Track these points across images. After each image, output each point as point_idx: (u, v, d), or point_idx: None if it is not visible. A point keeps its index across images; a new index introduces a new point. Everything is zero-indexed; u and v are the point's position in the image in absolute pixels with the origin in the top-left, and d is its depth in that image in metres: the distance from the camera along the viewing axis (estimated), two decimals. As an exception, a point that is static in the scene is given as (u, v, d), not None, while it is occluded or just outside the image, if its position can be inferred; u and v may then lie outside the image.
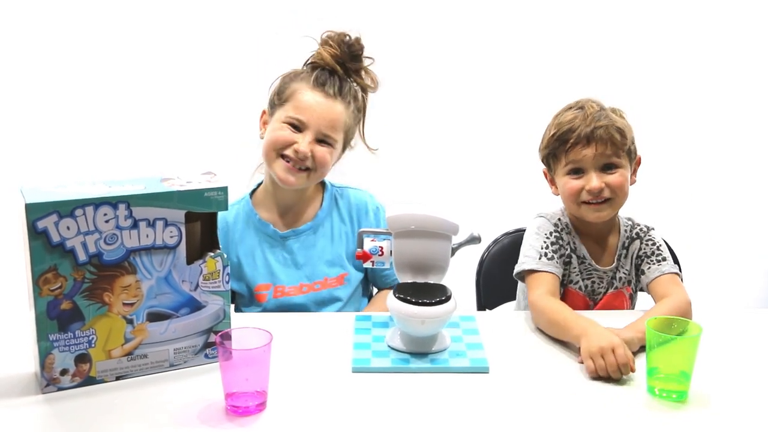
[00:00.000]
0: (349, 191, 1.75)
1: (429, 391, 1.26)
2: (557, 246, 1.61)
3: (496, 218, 1.79)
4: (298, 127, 1.61)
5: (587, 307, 1.64)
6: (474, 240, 1.47)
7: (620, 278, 1.66)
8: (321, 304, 1.67)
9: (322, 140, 1.61)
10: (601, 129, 1.55)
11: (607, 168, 1.58)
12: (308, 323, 1.54)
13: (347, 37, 1.64)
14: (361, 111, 1.69)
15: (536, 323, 1.51)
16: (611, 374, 1.28)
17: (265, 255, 1.67)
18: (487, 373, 1.32)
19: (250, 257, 1.66)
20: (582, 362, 1.33)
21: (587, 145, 1.56)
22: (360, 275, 1.72)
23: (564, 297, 1.62)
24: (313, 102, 1.60)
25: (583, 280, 1.64)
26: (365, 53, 1.66)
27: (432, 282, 1.43)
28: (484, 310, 1.84)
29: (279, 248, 1.67)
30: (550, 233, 1.62)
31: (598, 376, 1.30)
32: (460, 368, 1.33)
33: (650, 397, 1.24)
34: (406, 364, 1.34)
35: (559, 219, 1.65)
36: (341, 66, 1.64)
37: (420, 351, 1.37)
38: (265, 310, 1.66)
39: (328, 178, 1.73)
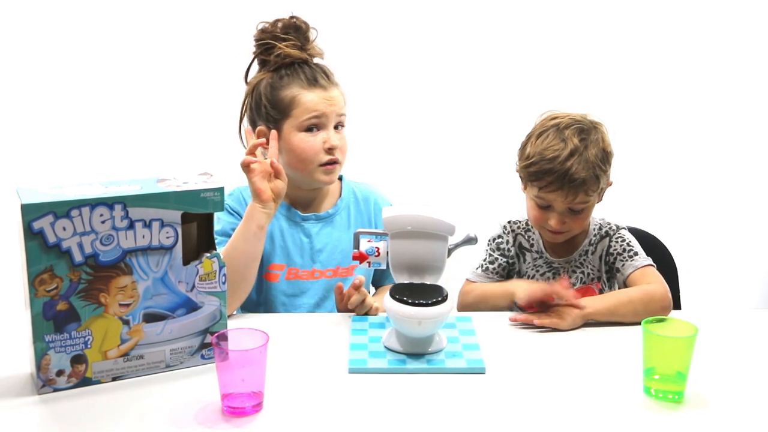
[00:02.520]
0: (360, 185, 1.80)
1: (425, 392, 1.26)
2: (499, 252, 1.73)
3: (493, 219, 1.79)
4: (315, 126, 1.64)
5: (550, 300, 1.65)
6: (470, 241, 1.47)
7: (587, 273, 1.68)
8: (330, 291, 1.68)
9: (338, 125, 1.67)
10: (577, 180, 1.55)
11: (573, 210, 1.61)
12: (304, 324, 1.54)
13: (284, 20, 1.66)
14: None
15: (463, 305, 1.66)
16: (551, 291, 1.48)
17: (283, 235, 1.69)
18: (484, 373, 1.32)
19: (268, 236, 1.65)
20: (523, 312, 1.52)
21: (559, 190, 1.57)
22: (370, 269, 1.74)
23: None
24: (320, 99, 1.63)
25: (540, 274, 1.70)
26: (310, 24, 1.68)
27: (428, 283, 1.43)
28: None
29: (297, 230, 1.70)
30: (493, 239, 1.74)
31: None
32: (457, 369, 1.32)
33: (646, 397, 1.24)
34: (403, 364, 1.34)
35: (518, 222, 1.74)
36: (303, 50, 1.66)
37: (416, 352, 1.37)
38: (274, 291, 1.67)
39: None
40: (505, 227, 1.75)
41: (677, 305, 1.87)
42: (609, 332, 1.50)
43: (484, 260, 1.74)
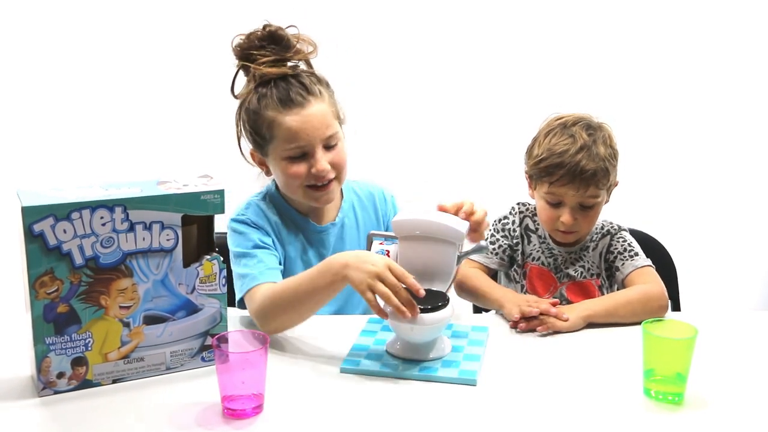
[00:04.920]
0: (358, 183, 1.74)
1: (419, 399, 1.25)
2: (503, 233, 1.75)
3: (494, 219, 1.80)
4: (299, 156, 1.53)
5: (554, 282, 1.71)
6: (481, 249, 1.46)
7: (587, 268, 1.71)
8: (349, 295, 1.63)
9: (328, 145, 1.55)
10: (588, 172, 1.58)
11: (584, 206, 1.63)
12: (305, 326, 1.54)
13: (258, 32, 1.53)
14: (329, 86, 1.59)
15: (459, 290, 1.66)
16: (534, 307, 1.48)
17: (308, 254, 1.63)
18: (474, 385, 1.30)
19: (295, 258, 1.62)
20: (515, 325, 1.51)
21: (570, 184, 1.60)
22: None
23: (529, 273, 1.73)
24: (297, 122, 1.51)
25: (546, 258, 1.72)
26: (283, 27, 1.54)
27: (435, 288, 1.41)
28: (481, 312, 1.84)
29: (317, 244, 1.64)
30: (498, 220, 1.77)
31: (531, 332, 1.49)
32: (447, 378, 1.30)
33: (646, 399, 1.24)
34: (394, 369, 1.33)
35: (527, 204, 1.77)
36: (282, 63, 1.53)
37: (416, 358, 1.35)
38: None
39: None
40: (513, 208, 1.77)
41: (677, 307, 1.87)
42: (608, 334, 1.50)
43: (486, 240, 1.74)
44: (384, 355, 1.38)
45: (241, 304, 1.50)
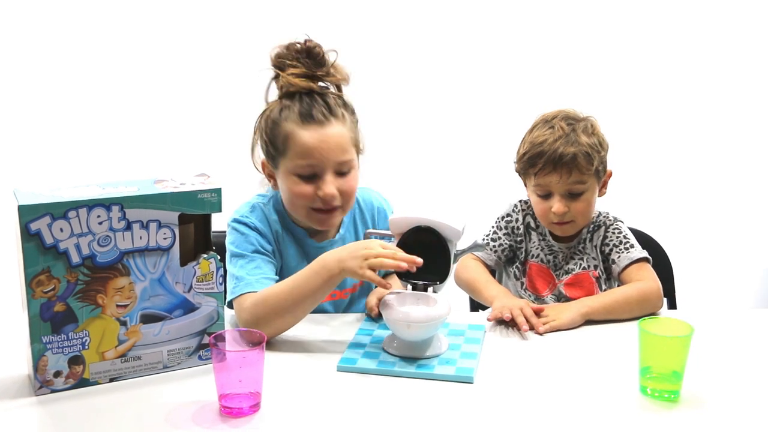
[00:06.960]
0: (362, 193, 1.67)
1: (415, 397, 1.25)
2: (505, 231, 1.76)
3: (492, 220, 1.80)
4: (308, 174, 1.49)
5: (552, 280, 1.73)
6: (477, 247, 1.47)
7: (586, 260, 1.72)
8: (350, 307, 1.65)
9: (341, 171, 1.50)
10: (567, 156, 1.61)
11: (572, 194, 1.64)
12: (303, 324, 1.54)
13: (298, 45, 1.50)
14: (354, 113, 1.57)
15: (457, 280, 1.71)
16: (515, 316, 1.48)
17: (299, 266, 1.55)
18: (471, 383, 1.30)
19: (294, 269, 1.55)
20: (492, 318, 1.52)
21: (553, 171, 1.62)
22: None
23: (529, 271, 1.74)
24: (314, 140, 1.47)
25: (545, 255, 1.73)
26: (324, 48, 1.51)
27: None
28: (477, 310, 1.84)
29: (314, 258, 1.53)
30: (502, 218, 1.78)
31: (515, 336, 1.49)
32: (444, 376, 1.31)
33: (642, 396, 1.24)
34: (391, 367, 1.33)
35: (528, 201, 1.76)
36: (312, 79, 1.50)
37: (412, 355, 1.36)
38: None
39: None
40: (515, 206, 1.78)
41: (673, 305, 1.88)
42: (605, 331, 1.50)
43: (487, 236, 1.77)
44: (381, 353, 1.38)
45: (229, 305, 1.49)
